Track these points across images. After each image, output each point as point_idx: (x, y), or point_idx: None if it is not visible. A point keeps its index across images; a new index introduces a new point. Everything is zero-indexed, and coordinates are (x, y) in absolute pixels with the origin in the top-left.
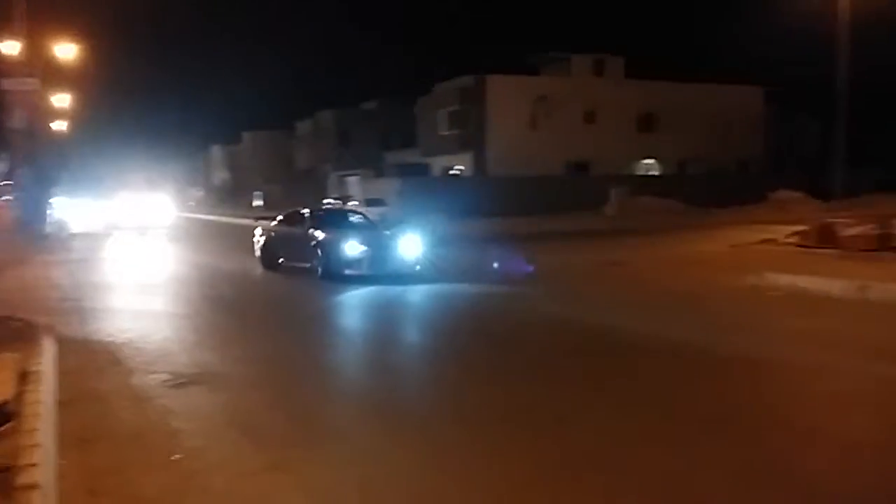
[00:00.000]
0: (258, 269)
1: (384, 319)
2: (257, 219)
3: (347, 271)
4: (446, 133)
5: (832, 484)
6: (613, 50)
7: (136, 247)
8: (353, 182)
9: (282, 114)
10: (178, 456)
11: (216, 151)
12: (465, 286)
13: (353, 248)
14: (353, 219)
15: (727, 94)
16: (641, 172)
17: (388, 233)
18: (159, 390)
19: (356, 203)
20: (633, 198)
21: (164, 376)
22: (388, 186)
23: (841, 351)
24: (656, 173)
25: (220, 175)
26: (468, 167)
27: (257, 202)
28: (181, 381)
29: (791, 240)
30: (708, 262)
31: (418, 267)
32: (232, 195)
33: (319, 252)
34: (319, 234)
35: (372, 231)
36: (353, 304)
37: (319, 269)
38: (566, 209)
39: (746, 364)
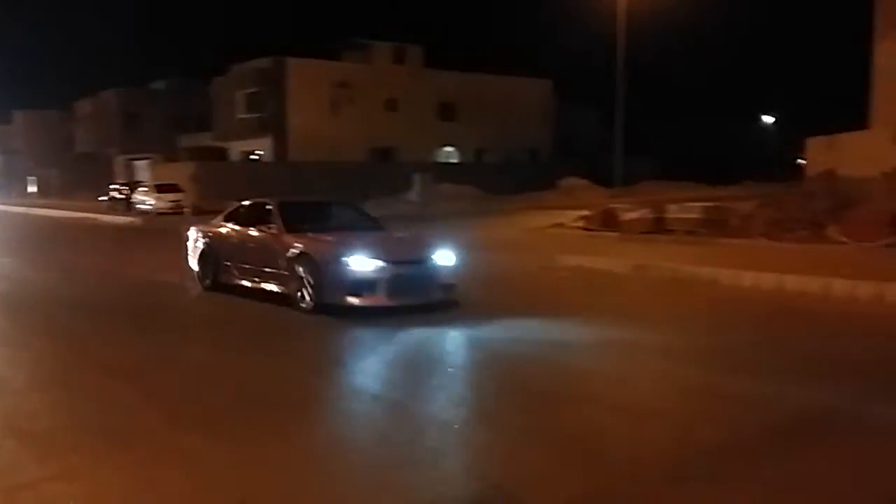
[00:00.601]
0: (194, 289)
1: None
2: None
3: (353, 301)
4: (244, 116)
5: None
6: (413, 39)
7: None
8: (142, 166)
9: (59, 93)
10: None
11: None
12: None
13: (361, 263)
14: (343, 214)
15: (519, 85)
16: (442, 160)
17: (402, 236)
18: None
19: (145, 189)
20: (435, 184)
21: None
22: (181, 171)
23: (619, 324)
24: (456, 161)
25: None
26: (268, 152)
27: (32, 188)
28: None
29: (578, 224)
30: (506, 246)
31: (453, 290)
32: (1, 181)
33: (302, 270)
34: (300, 243)
35: (381, 235)
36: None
37: (307, 298)
38: (370, 195)
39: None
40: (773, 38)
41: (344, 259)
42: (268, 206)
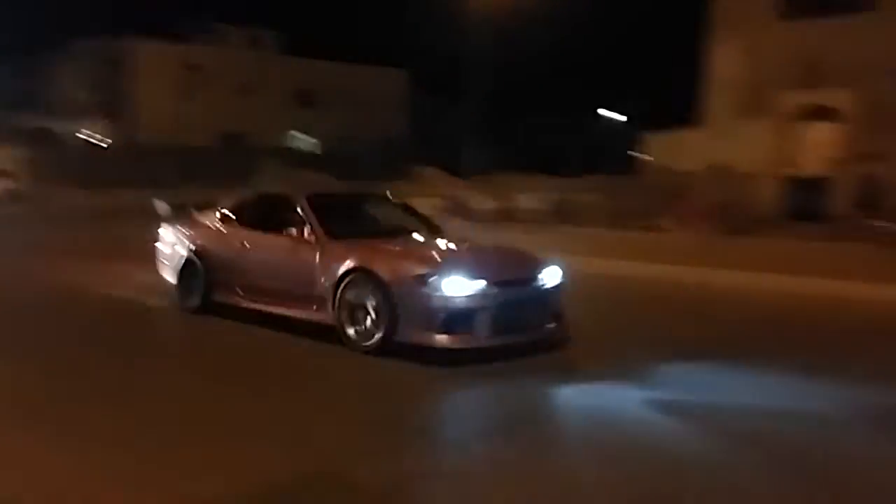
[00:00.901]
0: (171, 311)
1: None
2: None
3: (443, 340)
4: (84, 97)
5: None
6: (273, 26)
7: None
8: None
9: None
10: None
11: None
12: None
13: (456, 285)
14: (388, 212)
15: (376, 74)
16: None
17: (490, 246)
18: None
19: None
20: (288, 171)
21: None
22: (12, 155)
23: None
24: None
25: None
26: (110, 135)
27: None
28: None
29: (432, 213)
30: None
31: (564, 320)
32: None
33: (358, 294)
34: (353, 255)
35: (458, 243)
36: None
37: (372, 334)
38: (219, 181)
39: None
40: (624, 37)
41: (430, 280)
42: (293, 203)
